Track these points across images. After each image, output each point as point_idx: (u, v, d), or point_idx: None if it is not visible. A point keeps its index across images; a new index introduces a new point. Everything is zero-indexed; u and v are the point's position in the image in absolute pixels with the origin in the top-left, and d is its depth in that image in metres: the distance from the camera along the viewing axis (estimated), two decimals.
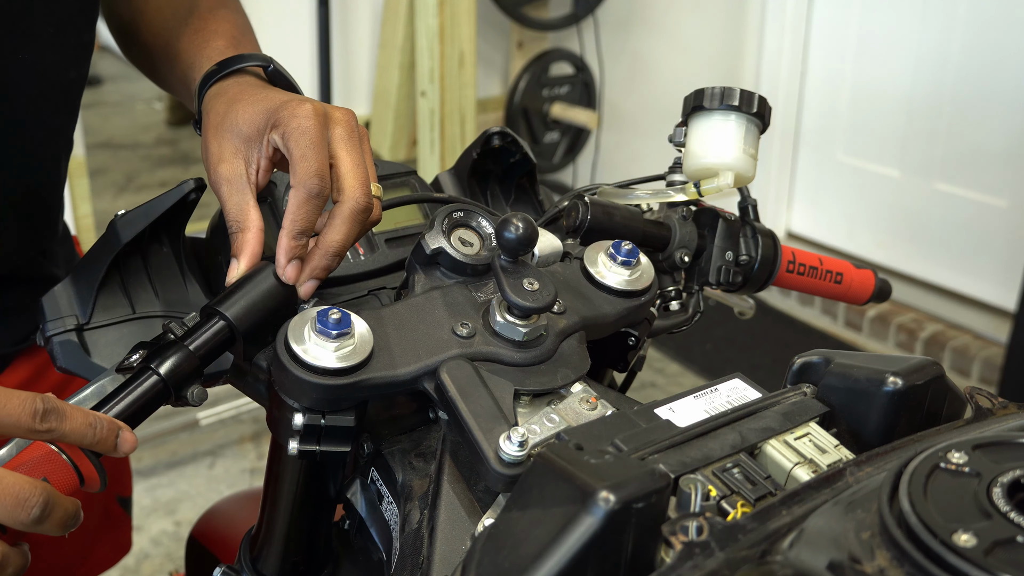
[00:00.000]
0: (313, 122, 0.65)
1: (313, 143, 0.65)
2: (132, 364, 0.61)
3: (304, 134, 0.65)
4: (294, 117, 0.65)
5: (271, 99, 0.68)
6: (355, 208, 0.65)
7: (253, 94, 0.70)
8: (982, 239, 2.72)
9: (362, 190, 0.66)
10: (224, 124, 0.69)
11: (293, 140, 0.65)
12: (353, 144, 0.67)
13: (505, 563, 0.44)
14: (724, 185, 0.77)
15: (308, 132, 0.65)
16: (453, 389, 0.59)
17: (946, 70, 2.73)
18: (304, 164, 0.64)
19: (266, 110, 0.67)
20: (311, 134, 0.65)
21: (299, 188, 0.64)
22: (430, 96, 3.06)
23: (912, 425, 0.56)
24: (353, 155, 0.67)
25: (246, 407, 2.54)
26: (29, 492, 0.51)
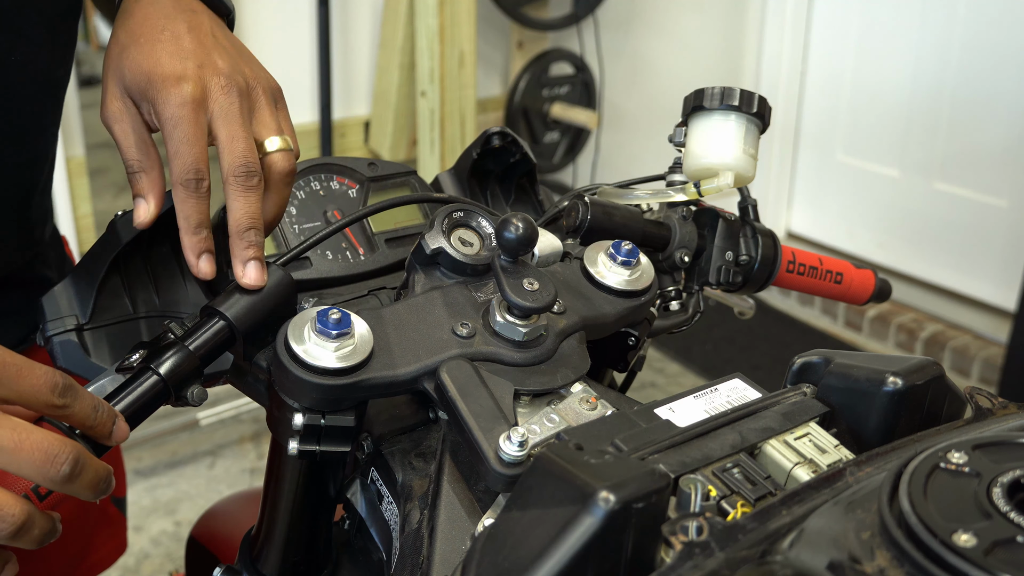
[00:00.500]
0: (187, 110, 0.63)
1: (186, 136, 0.63)
2: (132, 364, 0.61)
3: (177, 126, 0.63)
4: (168, 104, 0.63)
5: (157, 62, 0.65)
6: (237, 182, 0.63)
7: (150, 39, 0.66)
8: (982, 239, 2.72)
9: (238, 161, 0.63)
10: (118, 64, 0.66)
11: (167, 131, 0.63)
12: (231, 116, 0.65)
13: (505, 563, 0.44)
14: (724, 185, 0.77)
15: (181, 123, 0.63)
16: (453, 389, 0.59)
17: (946, 70, 2.73)
18: (179, 160, 0.63)
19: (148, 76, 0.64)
20: (184, 125, 0.63)
21: (178, 187, 0.63)
22: (430, 96, 3.06)
23: (912, 425, 0.56)
24: (229, 128, 0.64)
25: (246, 407, 2.54)
26: (59, 448, 0.50)
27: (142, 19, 0.68)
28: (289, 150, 0.66)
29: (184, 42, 0.66)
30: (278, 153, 0.66)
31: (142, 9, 0.69)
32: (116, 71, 0.66)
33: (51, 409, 0.53)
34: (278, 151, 0.66)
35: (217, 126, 0.64)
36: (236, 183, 0.63)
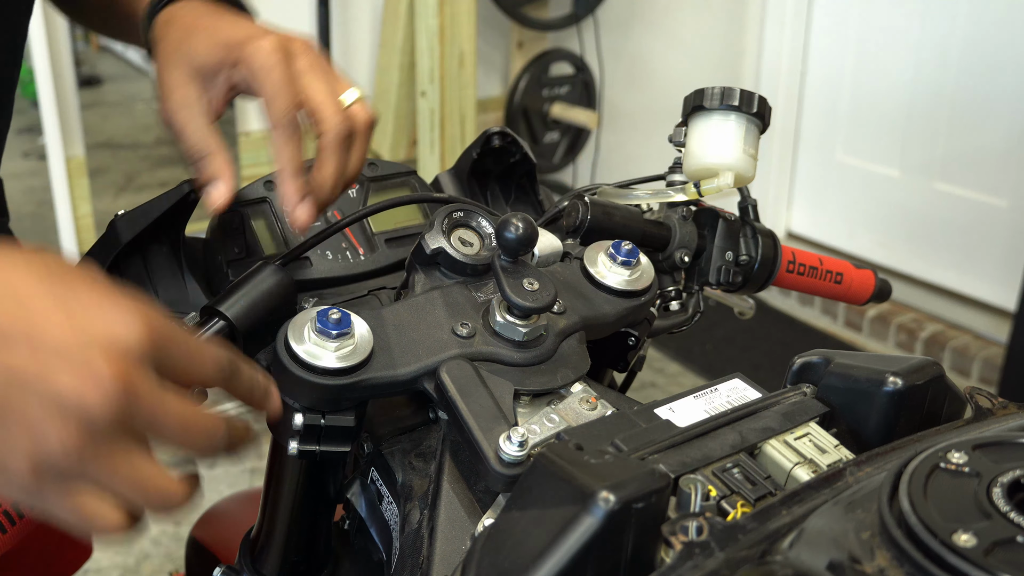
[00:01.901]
0: (278, 57, 0.65)
1: (282, 81, 0.64)
2: None
3: (271, 71, 0.64)
4: (258, 54, 0.65)
5: (230, 32, 0.67)
6: (338, 136, 0.65)
7: (210, 23, 0.69)
8: (982, 239, 2.73)
9: (339, 117, 0.66)
10: (179, 53, 0.68)
11: (260, 79, 0.64)
12: (319, 73, 0.67)
13: (505, 563, 0.44)
14: (724, 185, 0.77)
15: (275, 70, 0.64)
16: (453, 389, 0.59)
17: (946, 70, 2.73)
18: (277, 103, 0.64)
19: (225, 44, 0.66)
20: (278, 71, 0.64)
21: (281, 128, 0.64)
22: (430, 96, 3.06)
23: (912, 425, 0.56)
24: (322, 84, 0.66)
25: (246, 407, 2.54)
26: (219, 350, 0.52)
27: (193, 18, 0.71)
28: (363, 99, 0.69)
29: (244, 23, 0.69)
30: (357, 103, 0.68)
31: (188, 12, 0.72)
32: (181, 57, 0.67)
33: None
34: (358, 101, 0.68)
35: (307, 81, 0.66)
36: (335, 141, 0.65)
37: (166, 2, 0.73)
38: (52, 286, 0.44)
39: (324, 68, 0.68)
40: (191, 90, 0.67)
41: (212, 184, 0.65)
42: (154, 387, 0.46)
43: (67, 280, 0.45)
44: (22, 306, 0.43)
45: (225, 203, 0.65)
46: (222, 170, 0.65)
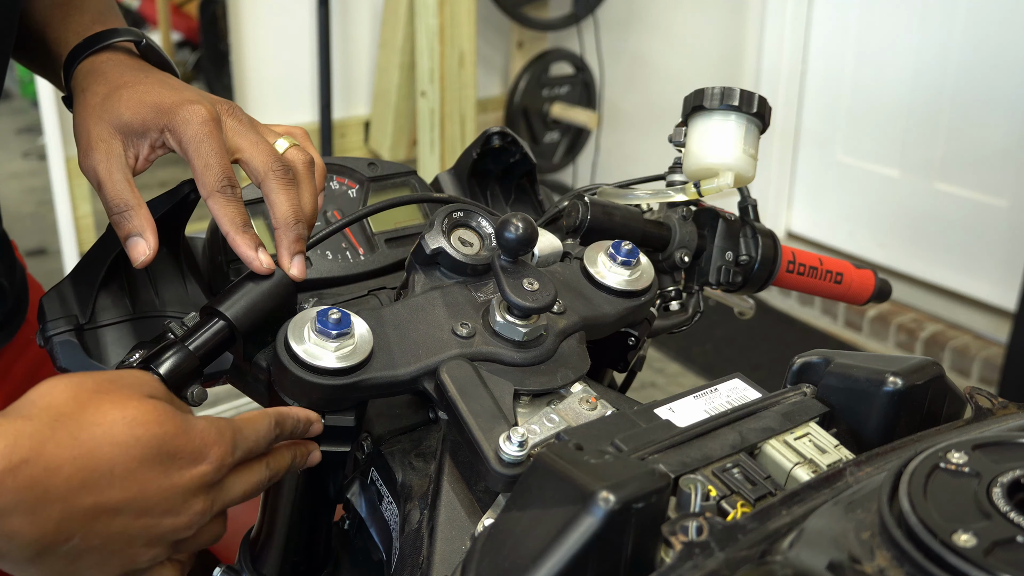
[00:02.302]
0: (210, 127, 0.66)
1: (214, 149, 0.65)
2: (132, 364, 0.61)
3: (203, 141, 0.65)
4: (190, 123, 0.66)
5: (159, 95, 0.68)
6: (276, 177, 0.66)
7: (136, 81, 0.69)
8: (982, 239, 2.72)
9: (271, 159, 0.67)
10: (104, 108, 0.68)
11: (193, 148, 0.65)
12: (246, 128, 0.68)
13: (505, 563, 0.44)
14: (724, 185, 0.77)
15: (206, 138, 0.65)
16: (453, 389, 0.59)
17: (946, 70, 2.73)
18: (210, 172, 0.65)
19: (155, 106, 0.67)
20: (209, 140, 0.65)
21: (216, 195, 0.65)
22: (430, 96, 3.06)
23: (912, 425, 0.56)
24: (249, 137, 0.68)
25: (246, 407, 2.54)
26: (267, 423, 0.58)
27: (118, 73, 0.71)
28: (297, 145, 0.70)
29: (171, 82, 0.70)
30: (291, 149, 0.69)
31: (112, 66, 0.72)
32: (106, 112, 0.68)
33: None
34: (290, 147, 0.69)
35: (237, 140, 0.67)
36: (275, 178, 0.66)
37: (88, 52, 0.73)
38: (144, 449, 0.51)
39: (251, 125, 0.69)
40: (114, 145, 0.67)
41: (132, 240, 0.65)
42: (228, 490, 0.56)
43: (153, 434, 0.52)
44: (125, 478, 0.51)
45: (148, 259, 0.65)
46: (145, 224, 0.65)
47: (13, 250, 0.97)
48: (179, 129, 0.66)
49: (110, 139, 0.67)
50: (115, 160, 0.66)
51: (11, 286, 0.92)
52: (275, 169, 0.66)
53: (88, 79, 0.72)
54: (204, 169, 0.65)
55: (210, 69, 3.06)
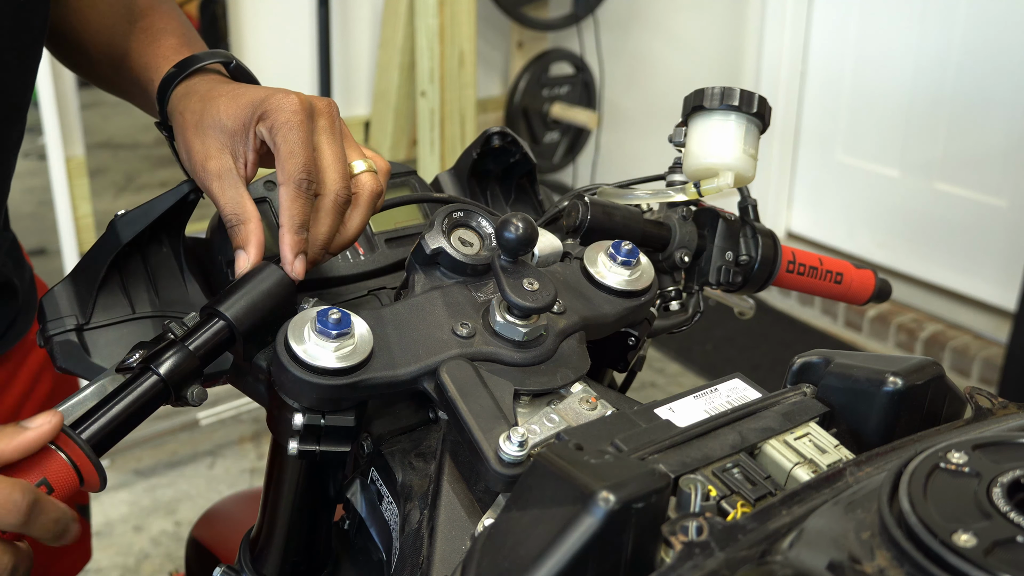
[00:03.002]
0: (301, 116, 0.66)
1: (301, 139, 0.65)
2: (132, 364, 0.61)
3: (292, 129, 0.65)
4: (281, 110, 0.66)
5: (253, 92, 0.68)
6: (336, 201, 0.66)
7: (230, 90, 0.70)
8: (982, 239, 2.72)
9: (342, 183, 0.67)
10: (205, 121, 0.68)
11: (281, 135, 0.65)
12: (335, 136, 0.68)
13: (505, 563, 0.44)
14: (724, 185, 0.77)
15: (296, 127, 0.65)
16: (453, 389, 0.59)
17: (946, 70, 2.73)
18: (293, 160, 0.65)
19: (250, 103, 0.67)
20: (299, 129, 0.65)
21: (290, 184, 0.65)
22: (430, 96, 3.06)
23: (912, 425, 0.56)
24: (334, 147, 0.68)
25: (246, 407, 2.54)
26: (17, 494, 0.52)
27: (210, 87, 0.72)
28: (374, 171, 0.70)
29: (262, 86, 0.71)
30: (366, 174, 0.69)
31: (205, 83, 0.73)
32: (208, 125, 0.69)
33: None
34: (366, 172, 0.69)
35: (321, 141, 0.68)
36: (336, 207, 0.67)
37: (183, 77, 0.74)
38: None
39: (340, 132, 0.69)
40: (224, 159, 0.67)
41: (238, 253, 0.66)
42: None
43: None
44: None
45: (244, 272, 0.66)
46: (252, 239, 0.66)
47: (21, 251, 0.98)
48: (271, 116, 0.66)
49: (220, 153, 0.68)
50: (226, 175, 0.67)
51: (21, 285, 0.93)
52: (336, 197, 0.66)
53: (183, 101, 0.72)
54: (288, 156, 0.65)
55: None
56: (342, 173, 0.67)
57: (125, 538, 2.17)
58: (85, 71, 0.94)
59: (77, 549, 1.11)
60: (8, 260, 0.92)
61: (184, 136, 0.70)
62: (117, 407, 0.58)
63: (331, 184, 0.66)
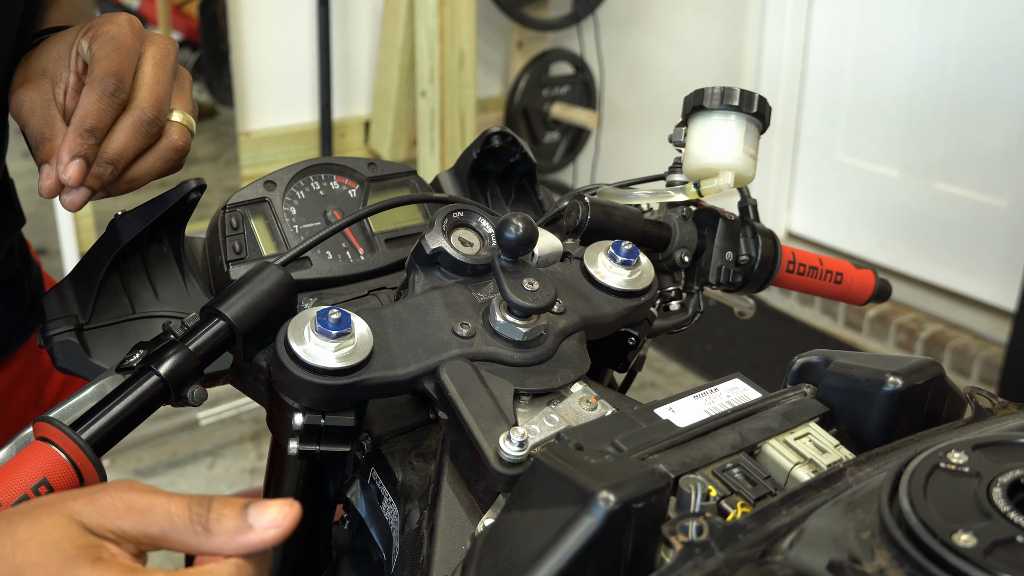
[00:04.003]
0: (126, 29, 0.63)
1: (117, 47, 0.62)
2: (132, 364, 0.61)
3: (112, 38, 0.62)
4: (108, 23, 0.63)
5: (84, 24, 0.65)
6: (140, 118, 0.62)
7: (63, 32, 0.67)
8: (982, 239, 2.72)
9: (152, 102, 0.63)
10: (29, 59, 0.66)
11: (99, 43, 0.62)
12: (162, 66, 0.64)
13: (505, 563, 0.44)
14: (724, 185, 0.77)
15: (116, 37, 0.62)
16: (453, 389, 0.59)
17: (946, 70, 2.73)
18: (103, 64, 0.61)
19: (78, 28, 0.64)
20: (119, 39, 0.62)
21: (93, 85, 0.61)
22: (430, 96, 3.06)
23: (912, 425, 0.56)
24: (157, 73, 0.64)
25: (246, 407, 2.54)
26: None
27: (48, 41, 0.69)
28: (190, 129, 0.66)
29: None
30: (178, 125, 0.65)
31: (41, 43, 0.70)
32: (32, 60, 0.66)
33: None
34: (180, 123, 0.65)
35: (145, 64, 0.64)
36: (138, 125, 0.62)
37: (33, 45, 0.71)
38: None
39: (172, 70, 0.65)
40: (41, 84, 0.64)
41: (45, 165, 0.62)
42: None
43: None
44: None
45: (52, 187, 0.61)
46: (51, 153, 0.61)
47: (28, 247, 0.98)
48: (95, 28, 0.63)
49: (36, 79, 0.64)
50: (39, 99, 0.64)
51: (29, 281, 0.93)
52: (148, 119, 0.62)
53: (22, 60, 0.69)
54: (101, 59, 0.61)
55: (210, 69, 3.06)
56: (158, 97, 0.63)
57: None
58: None
59: None
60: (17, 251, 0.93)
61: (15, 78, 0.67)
62: (117, 407, 0.58)
63: (141, 100, 0.62)
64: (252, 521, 0.46)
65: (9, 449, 0.56)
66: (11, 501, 0.51)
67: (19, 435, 0.58)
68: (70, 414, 0.58)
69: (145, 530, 0.46)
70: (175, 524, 0.47)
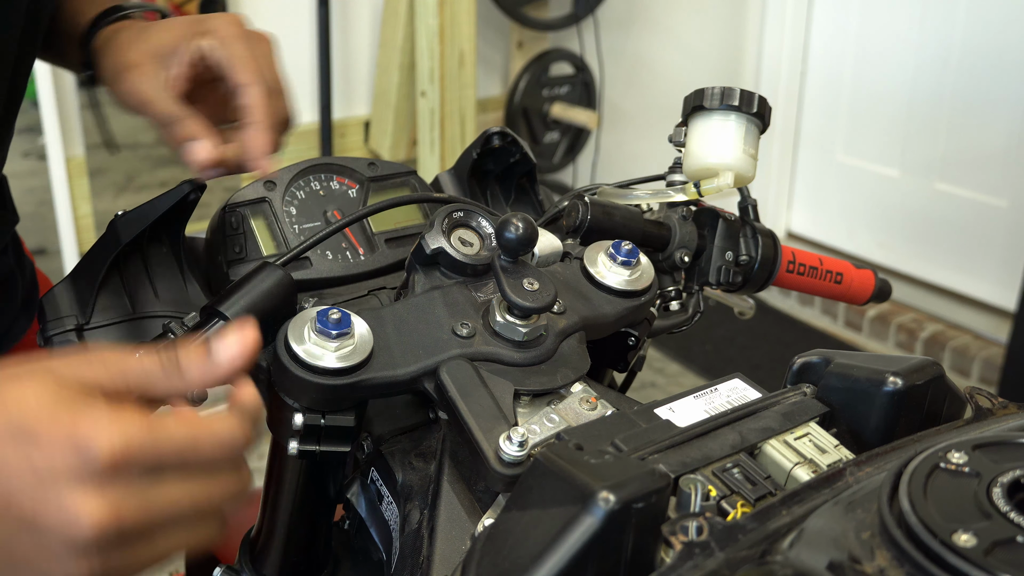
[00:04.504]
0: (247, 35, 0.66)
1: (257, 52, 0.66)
2: None
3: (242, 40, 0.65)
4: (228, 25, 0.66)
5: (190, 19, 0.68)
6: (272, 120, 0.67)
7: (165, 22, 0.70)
8: (982, 239, 2.72)
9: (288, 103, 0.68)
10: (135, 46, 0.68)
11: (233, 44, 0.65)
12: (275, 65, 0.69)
13: (505, 563, 0.44)
14: (724, 185, 0.77)
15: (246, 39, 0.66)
16: (453, 389, 0.59)
17: (946, 70, 2.73)
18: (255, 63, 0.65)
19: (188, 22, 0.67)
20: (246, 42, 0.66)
21: (261, 83, 0.65)
22: (430, 96, 3.06)
23: (912, 425, 0.56)
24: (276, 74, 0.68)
25: None
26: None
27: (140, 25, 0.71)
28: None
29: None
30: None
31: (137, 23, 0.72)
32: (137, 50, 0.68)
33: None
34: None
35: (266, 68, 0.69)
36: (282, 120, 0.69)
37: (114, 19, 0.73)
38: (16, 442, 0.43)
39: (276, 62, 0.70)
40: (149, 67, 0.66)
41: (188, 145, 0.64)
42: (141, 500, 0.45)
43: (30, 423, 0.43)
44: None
45: (209, 159, 0.64)
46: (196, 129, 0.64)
47: (21, 245, 0.98)
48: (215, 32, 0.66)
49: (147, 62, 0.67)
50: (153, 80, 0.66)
51: (23, 279, 0.93)
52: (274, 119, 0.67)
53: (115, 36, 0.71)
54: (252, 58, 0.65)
55: None
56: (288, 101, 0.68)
57: None
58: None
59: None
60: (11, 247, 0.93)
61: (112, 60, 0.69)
62: None
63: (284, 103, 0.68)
64: (217, 352, 0.51)
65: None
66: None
67: None
68: None
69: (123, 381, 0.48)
70: (149, 373, 0.49)
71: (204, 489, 0.48)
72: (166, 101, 0.66)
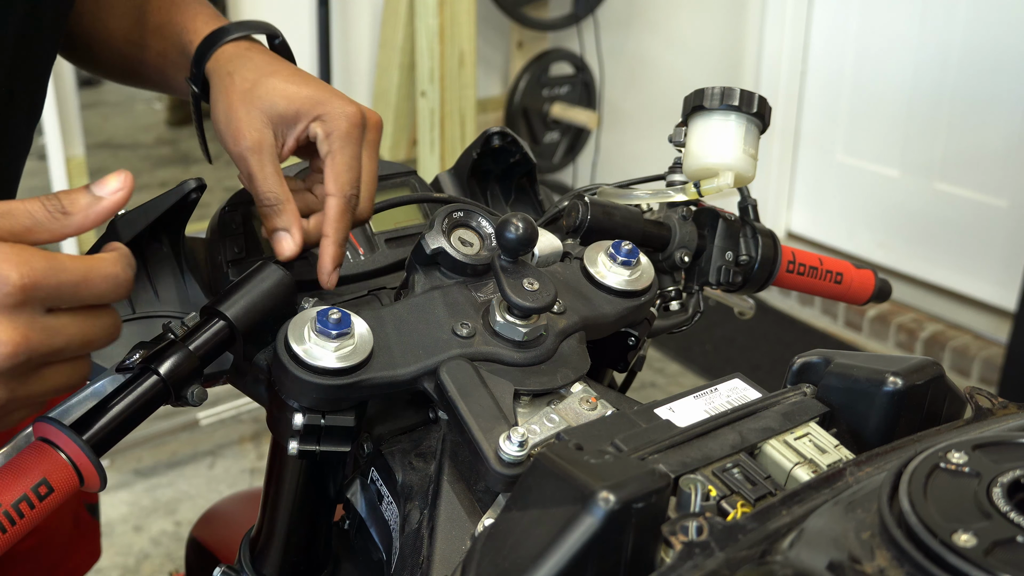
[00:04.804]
0: (358, 132, 0.67)
1: (356, 154, 0.67)
2: (132, 364, 0.61)
3: (351, 142, 0.66)
4: (343, 118, 0.66)
5: (314, 86, 0.68)
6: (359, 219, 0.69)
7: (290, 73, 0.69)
8: (982, 239, 2.72)
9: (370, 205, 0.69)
10: (256, 92, 0.68)
11: (339, 145, 0.66)
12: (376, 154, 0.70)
13: (505, 563, 0.44)
14: (724, 185, 0.77)
15: (355, 141, 0.67)
16: (453, 389, 0.59)
17: (946, 70, 2.73)
18: (349, 174, 0.66)
19: (310, 97, 0.67)
20: (356, 144, 0.67)
21: (342, 198, 0.66)
22: (430, 96, 3.06)
23: (912, 425, 0.56)
24: (372, 166, 0.70)
25: (246, 407, 2.54)
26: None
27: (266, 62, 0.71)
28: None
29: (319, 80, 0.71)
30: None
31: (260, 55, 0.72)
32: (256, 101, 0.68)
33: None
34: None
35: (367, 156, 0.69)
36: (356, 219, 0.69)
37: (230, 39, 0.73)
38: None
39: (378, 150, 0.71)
40: (266, 135, 0.67)
41: (279, 234, 0.66)
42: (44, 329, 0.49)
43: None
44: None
45: (293, 255, 0.66)
46: (292, 220, 0.66)
47: None
48: (331, 121, 0.66)
49: (263, 128, 0.67)
50: (267, 152, 0.67)
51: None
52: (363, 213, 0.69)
53: (234, 63, 0.71)
54: (345, 169, 0.66)
55: None
56: (371, 195, 0.69)
57: (125, 538, 2.17)
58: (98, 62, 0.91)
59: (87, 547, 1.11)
60: None
61: (228, 99, 0.69)
62: (117, 407, 0.58)
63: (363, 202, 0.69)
64: (99, 192, 0.54)
65: (9, 450, 0.56)
66: (11, 502, 0.51)
67: (19, 435, 0.58)
68: (70, 414, 0.58)
69: (11, 228, 0.51)
70: (35, 217, 0.52)
71: (91, 324, 0.52)
72: (273, 180, 0.66)
